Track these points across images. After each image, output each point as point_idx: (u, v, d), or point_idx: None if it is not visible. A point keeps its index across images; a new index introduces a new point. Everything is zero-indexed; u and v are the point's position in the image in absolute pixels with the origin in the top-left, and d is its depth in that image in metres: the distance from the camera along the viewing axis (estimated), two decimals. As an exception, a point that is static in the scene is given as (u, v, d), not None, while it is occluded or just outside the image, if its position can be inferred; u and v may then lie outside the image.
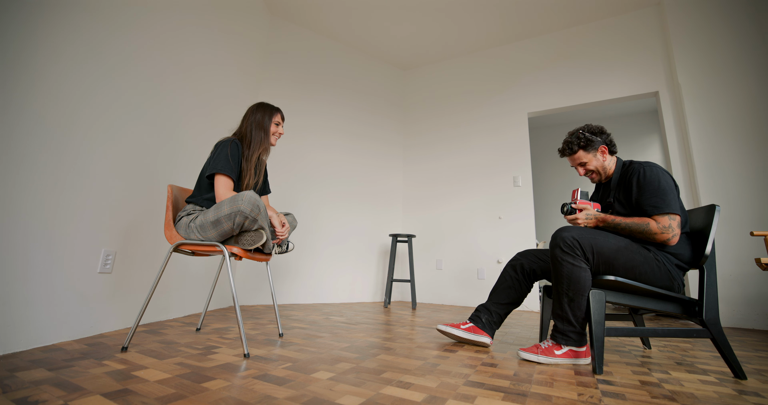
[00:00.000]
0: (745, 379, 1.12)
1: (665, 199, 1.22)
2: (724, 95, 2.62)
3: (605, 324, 1.61)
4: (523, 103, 3.47)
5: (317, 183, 3.34)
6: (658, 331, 1.20)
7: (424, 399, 0.87)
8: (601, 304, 1.18)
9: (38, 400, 0.79)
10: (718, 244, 2.43)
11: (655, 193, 1.24)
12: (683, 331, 1.21)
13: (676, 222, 1.22)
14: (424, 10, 3.27)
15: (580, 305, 1.21)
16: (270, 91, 3.19)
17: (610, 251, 1.21)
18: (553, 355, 1.24)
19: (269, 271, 1.68)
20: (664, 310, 1.24)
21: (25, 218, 1.24)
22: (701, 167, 2.58)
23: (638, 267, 1.21)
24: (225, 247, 1.30)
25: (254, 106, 1.59)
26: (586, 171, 1.47)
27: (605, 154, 1.44)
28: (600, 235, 1.24)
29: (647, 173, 1.28)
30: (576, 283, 1.21)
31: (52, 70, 1.33)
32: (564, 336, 1.25)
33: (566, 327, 1.24)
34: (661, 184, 1.24)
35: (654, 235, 1.21)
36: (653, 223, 1.21)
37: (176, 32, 2.02)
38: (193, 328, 1.72)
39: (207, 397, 0.84)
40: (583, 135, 1.43)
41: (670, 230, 1.20)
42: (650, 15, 3.08)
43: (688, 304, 1.24)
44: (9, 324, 1.17)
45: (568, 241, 1.22)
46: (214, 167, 1.38)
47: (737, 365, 1.13)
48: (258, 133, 1.53)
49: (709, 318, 1.17)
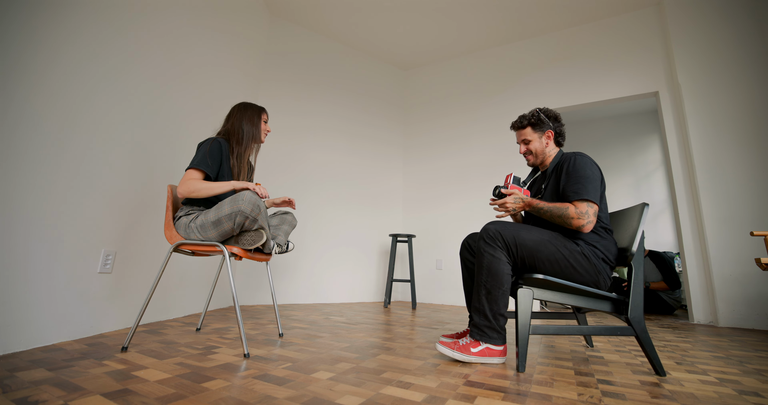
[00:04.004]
0: (664, 375, 1.13)
1: (587, 187, 1.24)
2: (724, 95, 2.62)
3: (540, 323, 1.59)
4: (523, 103, 3.46)
5: (317, 183, 3.34)
6: (583, 329, 1.20)
7: (424, 399, 0.87)
8: (528, 302, 1.18)
9: (38, 400, 0.79)
10: (719, 245, 2.44)
11: (579, 180, 1.26)
12: (608, 329, 1.21)
13: (593, 210, 1.23)
14: (424, 10, 3.27)
15: (496, 298, 1.21)
16: (270, 91, 3.20)
17: (532, 243, 1.21)
18: (470, 352, 1.22)
19: (269, 271, 1.68)
20: (594, 308, 1.25)
21: (26, 218, 1.24)
22: (701, 167, 2.58)
23: (562, 261, 1.21)
24: (225, 247, 1.30)
25: (240, 105, 1.59)
26: (526, 150, 1.48)
27: (550, 139, 1.46)
28: (524, 228, 1.25)
29: (577, 161, 1.30)
30: (494, 276, 1.21)
31: (53, 71, 1.33)
32: (480, 331, 1.23)
33: (482, 321, 1.23)
34: (586, 172, 1.27)
35: (570, 220, 1.22)
36: (572, 208, 1.23)
37: (176, 33, 2.02)
38: (193, 328, 1.72)
39: (207, 397, 0.84)
40: (537, 114, 1.45)
41: (586, 216, 1.21)
42: (650, 15, 3.08)
43: (617, 302, 1.25)
44: (9, 324, 1.18)
45: (491, 232, 1.23)
46: (197, 163, 1.38)
47: (658, 362, 1.15)
48: (249, 128, 1.54)
49: (634, 316, 1.18)
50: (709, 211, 2.50)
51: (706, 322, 2.46)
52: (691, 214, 2.63)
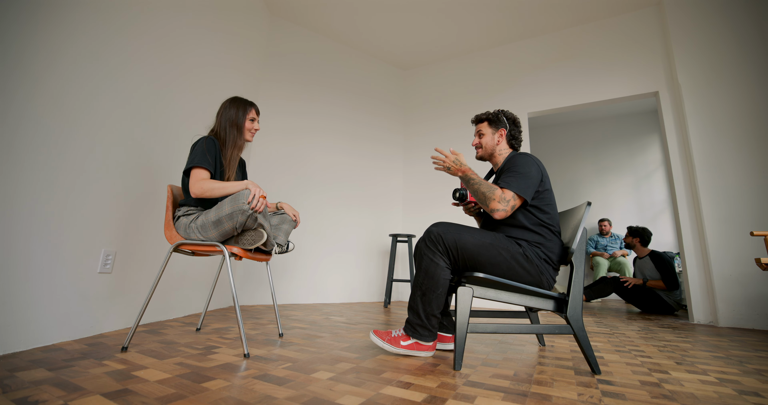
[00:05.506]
0: (599, 373, 1.14)
1: (518, 181, 1.29)
2: (724, 95, 2.62)
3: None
4: (523, 103, 3.47)
5: (317, 183, 3.34)
6: (522, 327, 1.20)
7: (424, 399, 0.87)
8: (467, 301, 1.19)
9: (38, 400, 0.79)
10: (719, 245, 2.43)
11: (513, 174, 1.32)
12: (546, 328, 1.22)
13: (514, 202, 1.28)
14: (424, 10, 3.27)
15: (430, 300, 1.25)
16: (270, 91, 3.20)
17: (474, 247, 1.24)
18: (399, 345, 1.29)
19: (269, 271, 1.68)
20: (537, 306, 1.26)
21: (26, 218, 1.24)
22: (701, 167, 2.58)
23: (503, 263, 1.24)
24: (225, 247, 1.30)
25: (227, 102, 1.53)
26: (478, 143, 1.54)
27: (502, 137, 1.51)
28: (467, 231, 1.27)
29: (518, 159, 1.37)
30: (431, 279, 1.25)
31: (53, 71, 1.33)
32: (412, 328, 1.29)
33: (415, 319, 1.28)
34: (524, 169, 1.33)
35: (491, 201, 1.27)
36: (498, 191, 1.28)
37: (176, 33, 2.02)
38: (193, 328, 1.72)
39: (207, 397, 0.84)
40: (497, 113, 1.54)
41: (505, 202, 1.26)
42: (650, 15, 3.08)
43: (558, 300, 1.26)
44: (9, 324, 1.18)
45: (433, 236, 1.27)
46: (190, 162, 1.35)
47: (594, 361, 1.16)
48: (231, 131, 1.48)
49: (572, 314, 1.19)
50: (709, 211, 2.50)
51: (706, 322, 2.46)
52: (691, 214, 2.63)
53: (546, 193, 1.34)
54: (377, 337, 1.32)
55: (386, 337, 1.31)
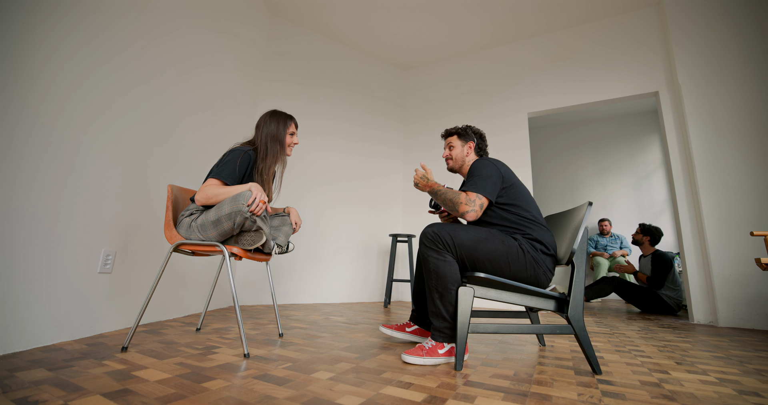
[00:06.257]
0: (600, 373, 1.14)
1: (478, 183, 1.35)
2: (724, 95, 2.62)
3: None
4: (523, 103, 3.47)
5: (317, 183, 3.34)
6: (523, 327, 1.20)
7: (424, 399, 0.87)
8: (468, 301, 1.19)
9: (38, 400, 0.79)
10: (719, 245, 2.43)
11: (473, 178, 1.39)
12: (547, 327, 1.21)
13: (481, 202, 1.32)
14: (425, 10, 3.27)
15: (450, 300, 1.24)
16: (270, 91, 3.20)
17: (470, 242, 1.25)
18: (437, 354, 1.22)
19: (269, 271, 1.68)
20: (538, 306, 1.25)
21: (26, 218, 1.24)
22: (701, 167, 2.58)
23: (501, 257, 1.25)
24: (225, 247, 1.30)
25: (267, 115, 1.51)
26: (449, 155, 1.62)
27: (471, 149, 1.60)
28: (461, 228, 1.29)
29: (476, 164, 1.45)
30: (443, 278, 1.24)
31: (52, 71, 1.33)
32: (441, 333, 1.25)
33: (441, 323, 1.25)
34: (482, 171, 1.39)
35: (459, 205, 1.32)
36: (463, 195, 1.33)
37: (176, 33, 2.02)
38: (193, 328, 1.72)
39: (207, 397, 0.84)
40: (465, 128, 1.63)
41: (472, 204, 1.31)
42: (650, 15, 3.08)
43: (559, 300, 1.25)
44: (9, 324, 1.18)
45: (429, 235, 1.28)
46: (218, 173, 1.35)
47: (595, 361, 1.16)
48: (273, 146, 1.46)
49: (573, 314, 1.19)
50: (709, 211, 2.50)
51: (706, 322, 2.46)
52: (691, 214, 2.63)
53: (512, 188, 1.39)
54: (413, 357, 1.20)
55: (422, 352, 1.21)
